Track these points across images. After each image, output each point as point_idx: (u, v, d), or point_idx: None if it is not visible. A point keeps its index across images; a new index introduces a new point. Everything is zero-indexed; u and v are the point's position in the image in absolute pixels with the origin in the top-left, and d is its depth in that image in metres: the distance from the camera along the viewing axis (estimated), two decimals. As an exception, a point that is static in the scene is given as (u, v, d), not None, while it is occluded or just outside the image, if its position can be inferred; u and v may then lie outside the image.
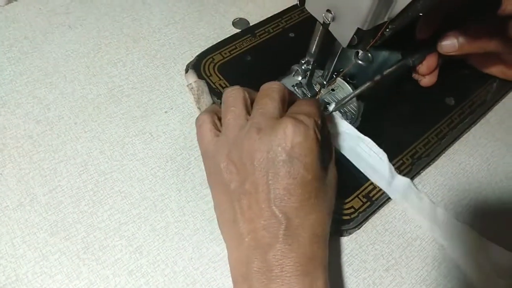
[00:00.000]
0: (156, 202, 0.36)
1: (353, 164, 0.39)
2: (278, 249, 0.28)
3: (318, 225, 0.30)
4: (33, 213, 0.34)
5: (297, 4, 0.36)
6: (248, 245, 0.29)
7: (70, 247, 0.33)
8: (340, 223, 0.36)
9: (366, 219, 0.37)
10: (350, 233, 0.37)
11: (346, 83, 0.44)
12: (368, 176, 0.39)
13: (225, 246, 0.32)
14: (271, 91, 0.32)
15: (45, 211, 0.35)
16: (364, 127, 0.41)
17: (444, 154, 0.42)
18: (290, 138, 0.29)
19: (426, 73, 0.43)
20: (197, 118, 0.35)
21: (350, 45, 0.31)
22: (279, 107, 0.31)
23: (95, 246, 0.33)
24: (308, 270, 0.28)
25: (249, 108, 0.33)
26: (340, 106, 0.42)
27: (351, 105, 0.43)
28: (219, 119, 0.34)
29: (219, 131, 0.33)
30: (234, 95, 0.33)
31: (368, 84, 0.40)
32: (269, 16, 0.49)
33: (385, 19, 0.29)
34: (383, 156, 0.38)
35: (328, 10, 0.31)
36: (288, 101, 0.33)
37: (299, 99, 0.36)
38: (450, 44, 0.39)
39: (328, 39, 0.34)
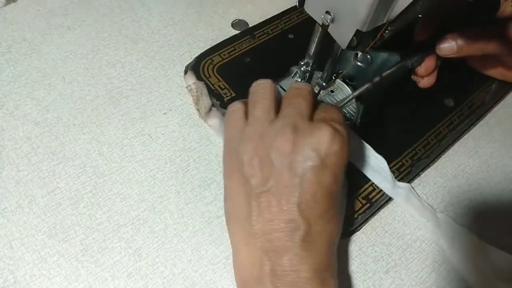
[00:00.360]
0: (155, 204, 0.36)
1: (352, 166, 0.39)
2: (296, 254, 0.27)
3: (334, 235, 0.30)
4: (32, 215, 0.34)
5: (296, 5, 0.36)
6: (262, 245, 0.28)
7: (68, 249, 0.33)
8: (340, 225, 0.36)
9: (365, 221, 0.37)
10: (349, 235, 0.36)
11: (345, 85, 0.44)
12: (370, 178, 0.38)
13: (229, 245, 0.32)
14: (304, 91, 0.32)
15: (43, 213, 0.34)
16: (363, 129, 0.41)
17: (443, 156, 0.42)
18: (327, 146, 0.28)
19: (424, 75, 0.43)
20: (231, 104, 0.34)
21: (349, 47, 0.31)
22: (311, 108, 0.31)
23: (93, 248, 0.33)
24: (324, 278, 0.28)
25: (277, 104, 0.32)
26: (339, 108, 0.42)
27: (350, 106, 0.43)
28: None
29: None
30: (265, 87, 0.32)
31: (367, 85, 0.40)
32: (268, 17, 0.49)
33: (384, 21, 0.29)
34: (383, 161, 0.38)
35: (327, 12, 0.31)
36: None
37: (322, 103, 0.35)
38: (448, 47, 0.39)
39: (327, 40, 0.34)
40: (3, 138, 0.38)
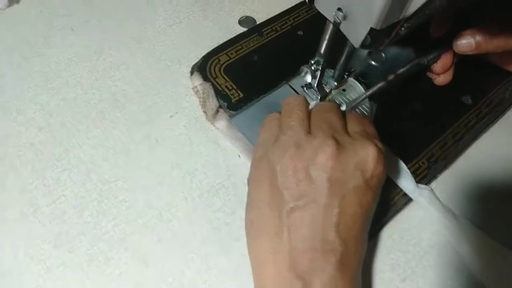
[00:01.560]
0: (162, 212, 0.35)
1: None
2: (329, 275, 0.26)
3: (364, 254, 0.29)
4: (37, 224, 0.33)
5: (305, 0, 0.35)
6: (292, 265, 0.26)
7: (74, 260, 0.32)
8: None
9: (382, 226, 0.35)
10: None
11: (357, 83, 0.42)
12: (393, 178, 0.37)
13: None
14: (334, 107, 0.32)
15: (48, 222, 0.34)
16: (377, 129, 0.40)
17: (461, 157, 0.40)
18: (372, 166, 0.27)
19: (441, 72, 0.41)
20: (269, 114, 0.34)
21: (363, 46, 0.30)
22: (343, 121, 0.30)
23: (99, 259, 0.32)
24: None
25: (309, 118, 0.31)
26: (352, 107, 0.40)
27: (363, 106, 0.41)
28: None
29: None
30: (298, 100, 0.32)
31: (380, 84, 0.38)
32: (277, 13, 0.48)
33: (400, 18, 0.27)
34: (401, 163, 0.37)
35: (339, 9, 0.29)
36: None
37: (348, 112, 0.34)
38: (466, 43, 0.37)
39: (339, 38, 0.33)
40: (7, 144, 0.37)
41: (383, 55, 0.36)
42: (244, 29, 0.46)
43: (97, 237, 0.33)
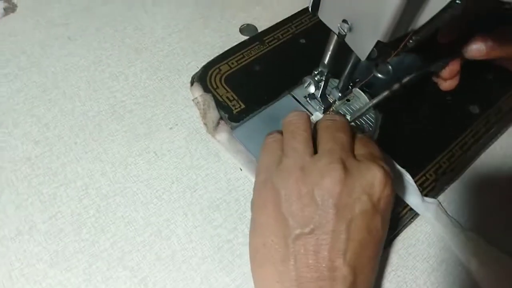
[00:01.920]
0: (161, 228, 0.34)
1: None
2: None
3: (373, 283, 0.28)
4: (32, 243, 0.32)
5: (308, 7, 0.34)
6: None
7: (71, 279, 0.31)
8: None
9: (388, 242, 0.34)
10: (370, 258, 0.34)
11: (362, 93, 0.41)
12: (398, 193, 0.36)
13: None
14: (344, 124, 0.30)
15: (44, 240, 0.33)
16: (382, 140, 0.39)
17: (469, 168, 0.39)
18: (379, 189, 0.26)
19: (448, 78, 0.40)
20: (270, 133, 0.32)
21: (369, 58, 0.28)
22: (352, 143, 0.29)
23: (97, 278, 0.31)
24: None
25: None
26: (356, 117, 0.39)
27: (368, 116, 0.40)
28: None
29: None
30: (301, 118, 0.30)
31: (385, 93, 0.37)
32: (278, 21, 0.47)
33: (409, 30, 0.26)
34: (407, 175, 0.35)
35: (344, 20, 0.28)
36: None
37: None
38: (477, 49, 0.36)
39: (344, 48, 0.31)
40: (2, 159, 0.36)
41: (389, 67, 0.35)
42: (246, 38, 0.45)
43: (95, 256, 0.32)
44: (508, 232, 0.36)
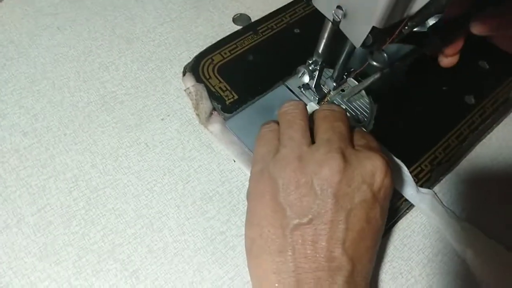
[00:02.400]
0: (153, 220, 0.33)
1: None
2: None
3: (370, 273, 0.27)
4: (20, 236, 0.32)
5: (302, -4, 0.33)
6: (296, 284, 0.25)
7: (60, 273, 0.30)
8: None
9: (384, 233, 0.34)
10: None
11: (356, 83, 0.41)
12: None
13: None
14: (342, 114, 0.29)
15: (33, 233, 0.32)
16: (377, 131, 0.38)
17: (465, 159, 0.39)
18: (380, 179, 0.25)
19: (450, 54, 0.39)
20: (266, 122, 0.32)
21: (364, 45, 0.28)
22: (350, 134, 0.28)
23: (87, 271, 0.31)
24: None
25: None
26: (348, 100, 0.39)
27: (363, 106, 0.40)
28: None
29: None
30: (297, 107, 0.30)
31: (377, 76, 0.36)
32: (272, 10, 0.46)
33: (404, 16, 0.26)
34: (403, 166, 0.35)
35: (338, 7, 0.27)
36: None
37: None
38: (484, 24, 0.35)
39: (338, 37, 0.31)
40: (-11, 151, 0.35)
41: (385, 55, 0.34)
42: (239, 27, 0.45)
43: (85, 248, 0.32)
44: (504, 223, 0.36)
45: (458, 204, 0.37)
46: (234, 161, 0.36)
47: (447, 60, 0.39)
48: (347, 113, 0.39)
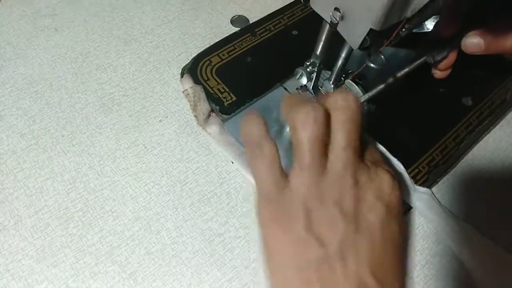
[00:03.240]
0: (151, 222, 0.33)
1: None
2: None
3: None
4: (18, 238, 0.32)
5: (300, -1, 0.33)
6: None
7: (58, 275, 0.30)
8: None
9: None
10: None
11: (354, 85, 0.41)
12: None
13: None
14: (358, 116, 0.26)
15: (30, 235, 0.32)
16: (375, 133, 0.38)
17: (462, 160, 0.39)
18: (390, 193, 0.25)
19: (443, 69, 0.39)
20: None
21: (362, 47, 0.28)
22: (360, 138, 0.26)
23: (85, 273, 0.31)
24: None
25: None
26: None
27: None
28: None
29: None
30: (315, 116, 0.25)
31: (380, 87, 0.37)
32: (270, 12, 0.46)
33: (402, 18, 0.26)
34: (400, 165, 0.35)
35: (336, 9, 0.27)
36: None
37: None
38: (476, 44, 0.35)
39: (336, 38, 0.31)
40: (-14, 152, 0.35)
41: (382, 57, 0.34)
42: (237, 29, 0.45)
43: (83, 250, 0.32)
44: (501, 223, 0.36)
45: (455, 206, 0.37)
46: (232, 163, 0.36)
47: (441, 73, 0.39)
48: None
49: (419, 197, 0.35)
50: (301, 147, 0.25)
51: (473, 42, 0.34)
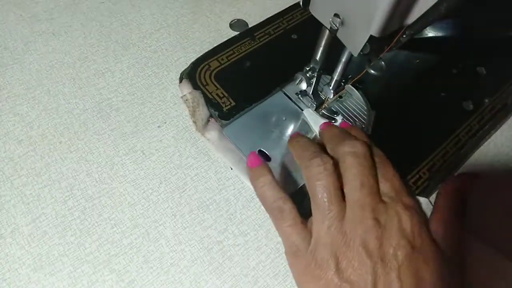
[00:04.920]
0: (149, 230, 0.33)
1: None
2: None
3: None
4: (15, 246, 0.31)
5: (299, 2, 0.33)
6: None
7: (55, 284, 0.30)
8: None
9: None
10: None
11: (354, 89, 0.40)
12: None
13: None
14: (369, 160, 0.27)
15: (27, 243, 0.31)
16: (375, 138, 0.38)
17: (463, 166, 0.39)
18: (412, 230, 0.25)
19: None
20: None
21: (362, 53, 0.28)
22: (376, 177, 0.27)
23: (83, 282, 0.30)
24: None
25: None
26: (344, 109, 0.38)
27: (361, 113, 0.40)
28: None
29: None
30: (326, 174, 0.27)
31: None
32: (269, 16, 0.46)
33: (402, 25, 0.25)
34: None
35: (336, 15, 0.27)
36: None
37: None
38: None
39: (336, 44, 0.31)
40: (-17, 159, 0.35)
41: (382, 63, 0.34)
42: (236, 33, 0.44)
43: (80, 259, 0.31)
44: (503, 230, 0.36)
45: (456, 212, 0.36)
46: (231, 169, 0.36)
47: None
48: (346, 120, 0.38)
49: None
50: (317, 198, 0.26)
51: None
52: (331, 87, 0.37)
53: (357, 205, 0.26)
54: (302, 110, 0.38)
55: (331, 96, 0.37)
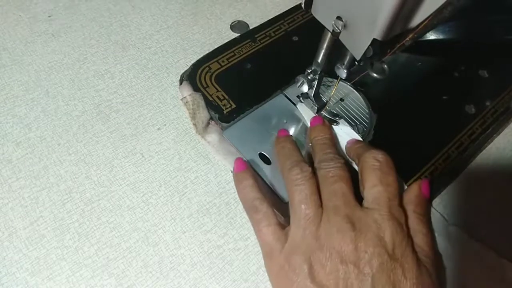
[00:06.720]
0: (149, 234, 0.32)
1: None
2: None
3: None
4: (12, 250, 0.31)
5: (300, 4, 0.32)
6: None
7: (53, 288, 0.30)
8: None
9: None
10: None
11: (355, 91, 0.40)
12: None
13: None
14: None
15: (25, 246, 0.31)
16: (377, 141, 0.38)
17: (465, 170, 0.38)
18: (391, 239, 0.26)
19: None
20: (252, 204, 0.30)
21: (364, 57, 0.27)
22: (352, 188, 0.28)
23: (81, 286, 0.30)
24: None
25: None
26: (346, 112, 0.38)
27: (363, 117, 0.39)
28: None
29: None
30: (304, 178, 0.28)
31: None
32: (270, 18, 0.45)
33: (406, 29, 0.25)
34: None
35: (338, 17, 0.27)
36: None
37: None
38: None
39: (338, 45, 0.30)
40: (-19, 161, 0.34)
41: (385, 66, 0.34)
42: (237, 35, 0.44)
43: (79, 263, 0.31)
44: (505, 233, 0.35)
45: (459, 215, 0.36)
46: (232, 172, 0.36)
47: None
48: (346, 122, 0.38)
49: None
50: (294, 202, 0.28)
51: None
52: (344, 68, 0.35)
53: (333, 210, 0.26)
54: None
55: (343, 76, 0.36)
